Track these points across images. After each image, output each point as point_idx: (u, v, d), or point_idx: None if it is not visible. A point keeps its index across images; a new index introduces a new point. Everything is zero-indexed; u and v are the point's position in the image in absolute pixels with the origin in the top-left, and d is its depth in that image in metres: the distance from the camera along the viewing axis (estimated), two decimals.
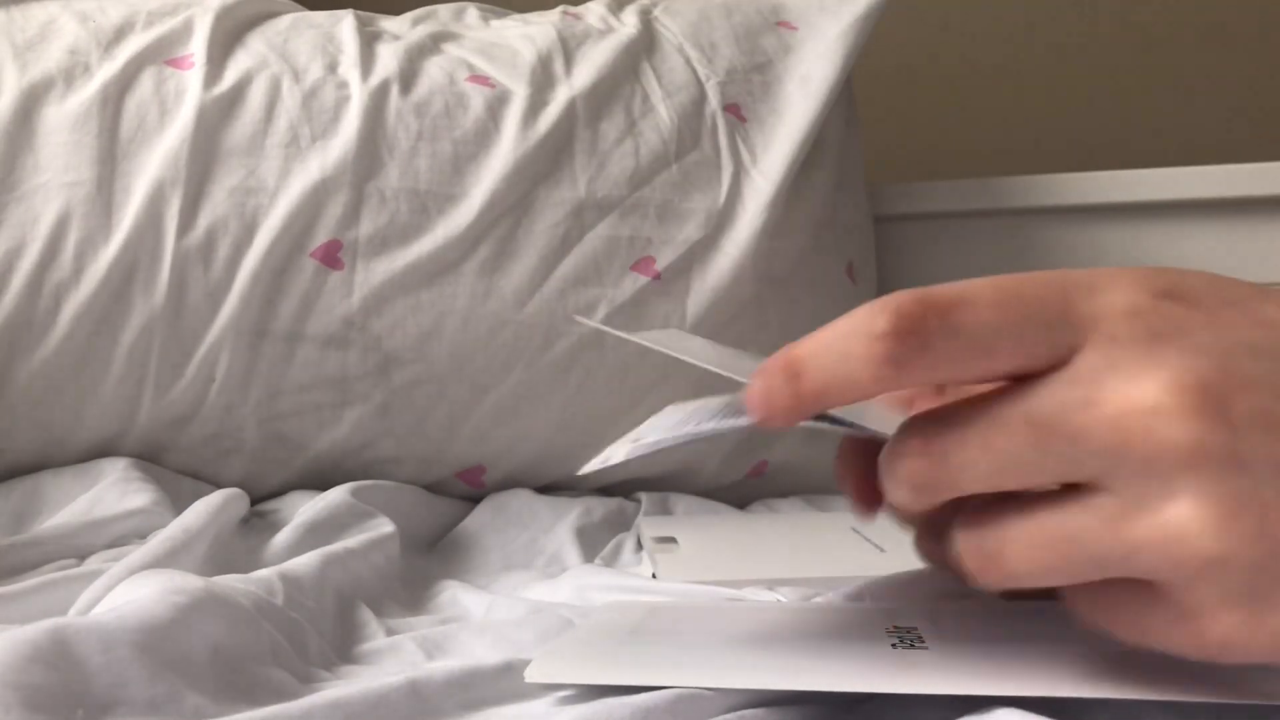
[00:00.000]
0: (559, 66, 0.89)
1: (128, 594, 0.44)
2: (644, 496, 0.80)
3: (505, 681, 0.35)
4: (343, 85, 0.84)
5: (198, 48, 0.84)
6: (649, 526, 0.70)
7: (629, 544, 0.71)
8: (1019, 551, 0.28)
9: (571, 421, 0.82)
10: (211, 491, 0.66)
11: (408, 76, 0.85)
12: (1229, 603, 0.26)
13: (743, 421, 0.31)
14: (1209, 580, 0.26)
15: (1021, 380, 0.28)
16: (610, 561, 0.69)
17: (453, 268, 0.80)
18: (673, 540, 0.66)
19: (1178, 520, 0.26)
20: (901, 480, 0.28)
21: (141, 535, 0.63)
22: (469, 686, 0.34)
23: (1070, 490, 0.27)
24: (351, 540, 0.59)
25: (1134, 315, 0.27)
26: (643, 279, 0.82)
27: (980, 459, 0.27)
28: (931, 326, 0.27)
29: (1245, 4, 1.29)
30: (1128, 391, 0.26)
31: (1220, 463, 0.25)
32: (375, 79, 0.84)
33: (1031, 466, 0.27)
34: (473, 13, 0.98)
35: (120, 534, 0.63)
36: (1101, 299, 0.27)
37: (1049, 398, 0.27)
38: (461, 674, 0.34)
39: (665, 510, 0.80)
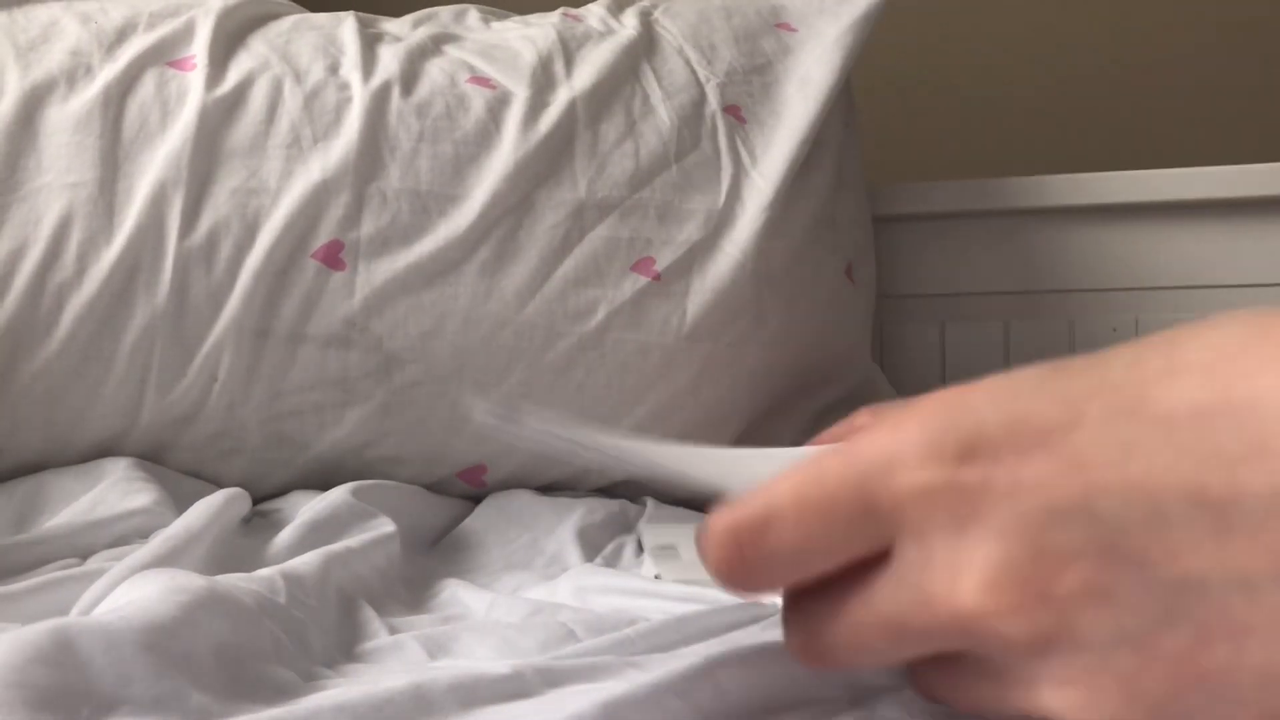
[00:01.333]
0: (559, 68, 0.89)
1: (130, 593, 0.44)
2: (650, 501, 0.80)
3: (509, 684, 0.35)
4: (344, 86, 0.84)
5: (199, 49, 0.84)
6: (650, 534, 0.70)
7: (629, 547, 0.71)
8: (936, 692, 0.29)
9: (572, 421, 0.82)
10: (213, 491, 0.67)
11: (409, 78, 0.85)
12: None
13: None
14: None
15: (864, 569, 0.27)
16: (610, 563, 0.69)
17: (454, 268, 0.80)
18: (673, 548, 0.66)
19: (1049, 707, 0.25)
20: (798, 657, 0.30)
21: (143, 535, 0.63)
22: (473, 689, 0.34)
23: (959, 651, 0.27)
24: (353, 540, 0.59)
25: (932, 499, 0.26)
26: (643, 279, 0.82)
27: (857, 655, 0.28)
28: (747, 554, 0.28)
29: (1245, 4, 1.30)
30: (950, 596, 0.25)
31: (1061, 647, 0.24)
32: (376, 80, 0.84)
33: (907, 652, 0.28)
34: (473, 14, 0.99)
35: (122, 533, 0.63)
36: (897, 481, 0.26)
37: (888, 600, 0.26)
38: (465, 676, 0.34)
39: (668, 516, 0.79)
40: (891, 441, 0.27)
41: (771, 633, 0.48)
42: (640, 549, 0.70)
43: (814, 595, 0.29)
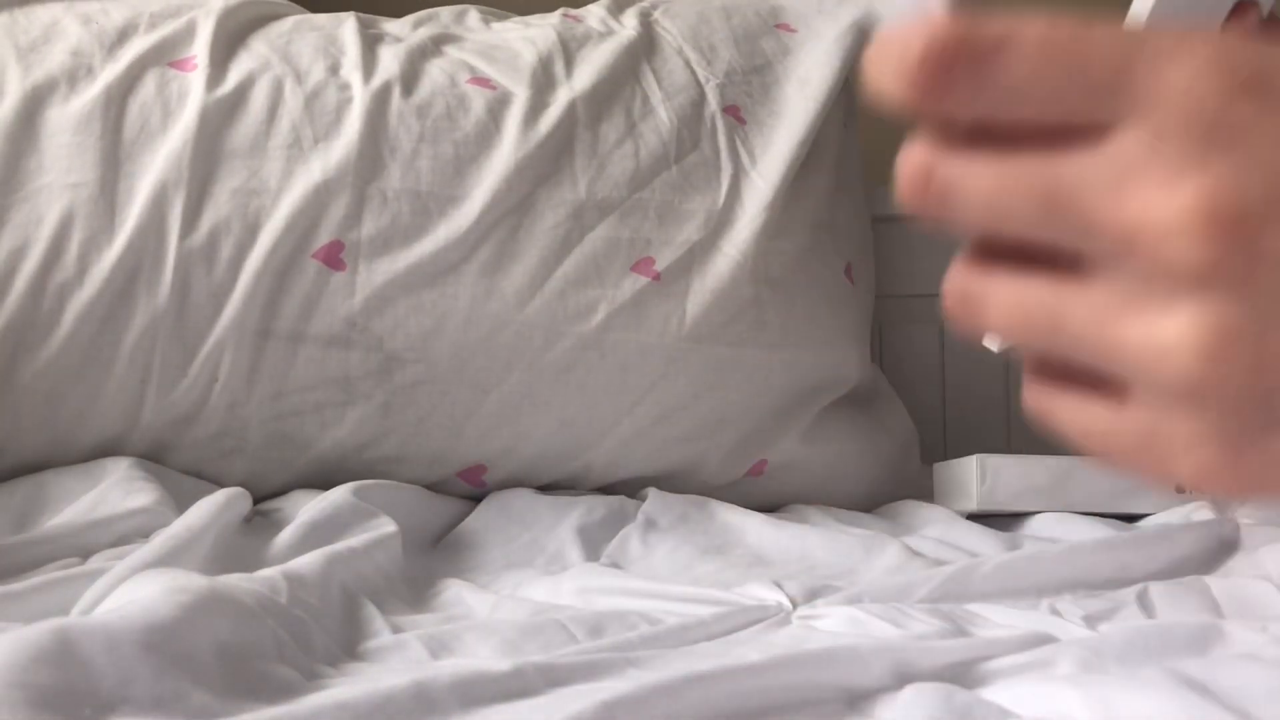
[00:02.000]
0: (559, 68, 0.89)
1: (131, 593, 0.45)
2: (652, 491, 0.80)
3: (510, 682, 0.35)
4: (345, 87, 0.84)
5: (200, 50, 0.84)
6: None
7: (634, 539, 0.71)
8: (1000, 310, 0.26)
9: (572, 421, 0.82)
10: (214, 491, 0.67)
11: (409, 78, 0.86)
12: (1203, 438, 0.24)
13: None
14: (1186, 409, 0.24)
15: (1055, 133, 0.25)
16: (616, 556, 0.69)
17: (454, 268, 0.80)
18: None
19: (1169, 335, 0.23)
20: (902, 175, 0.27)
21: (144, 534, 0.63)
22: (474, 687, 0.34)
23: (1064, 262, 0.25)
24: (354, 539, 0.60)
25: (1195, 104, 0.24)
26: (643, 279, 0.83)
27: (983, 197, 0.26)
28: (957, 71, 0.25)
29: None
30: (1158, 194, 0.23)
31: (1231, 290, 0.23)
32: (377, 81, 0.84)
33: (1032, 225, 0.25)
34: (474, 15, 0.99)
35: (123, 533, 0.64)
36: (1167, 74, 0.24)
37: (1076, 167, 0.24)
38: (467, 674, 0.34)
39: (667, 508, 0.80)
40: (1179, 35, 0.25)
41: (772, 636, 0.48)
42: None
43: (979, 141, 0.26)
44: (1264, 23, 0.51)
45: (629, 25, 0.95)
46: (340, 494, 0.69)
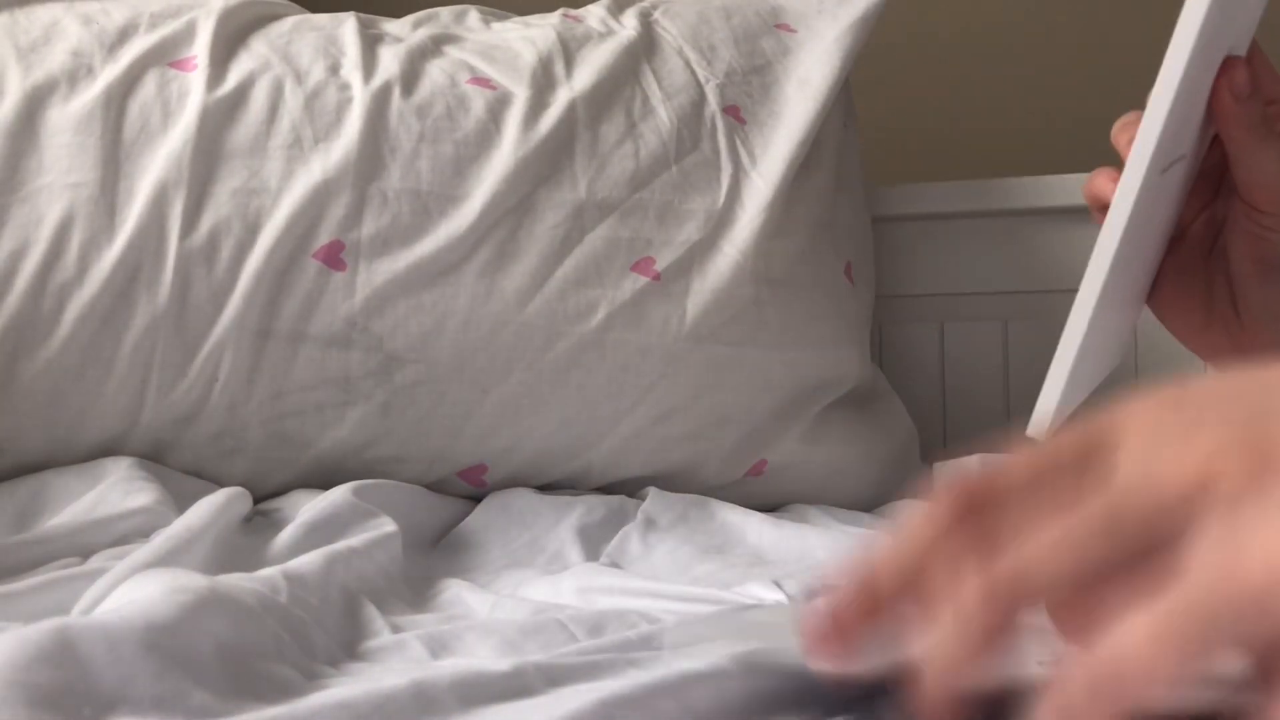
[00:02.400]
0: (559, 68, 0.89)
1: (131, 592, 0.45)
2: (652, 490, 0.80)
3: (510, 682, 0.35)
4: (345, 87, 0.84)
5: (200, 50, 0.84)
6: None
7: (634, 538, 0.71)
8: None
9: (572, 421, 0.82)
10: (215, 490, 0.67)
11: (409, 78, 0.86)
12: None
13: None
14: None
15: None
16: (615, 555, 0.69)
17: (454, 268, 0.80)
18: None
19: (1259, 554, 0.25)
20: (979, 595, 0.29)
21: (145, 534, 0.64)
22: (474, 686, 0.34)
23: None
24: (354, 539, 0.60)
25: (1159, 408, 0.28)
26: (643, 279, 0.83)
27: (1048, 562, 0.28)
28: (975, 490, 0.29)
29: None
30: (1177, 467, 0.27)
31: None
32: (377, 81, 0.85)
33: (1110, 551, 0.28)
34: (474, 15, 0.99)
35: (124, 532, 0.64)
36: (1123, 411, 0.29)
37: (1107, 493, 0.28)
38: (467, 674, 0.34)
39: (667, 507, 0.80)
40: (1111, 412, 0.29)
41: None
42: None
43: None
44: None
45: (629, 25, 0.95)
46: (340, 494, 0.69)
